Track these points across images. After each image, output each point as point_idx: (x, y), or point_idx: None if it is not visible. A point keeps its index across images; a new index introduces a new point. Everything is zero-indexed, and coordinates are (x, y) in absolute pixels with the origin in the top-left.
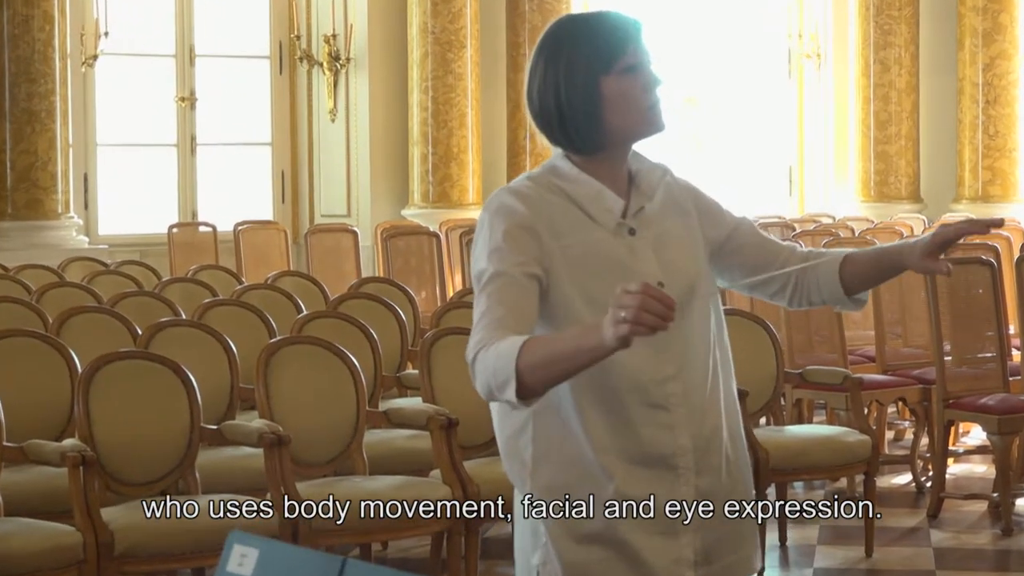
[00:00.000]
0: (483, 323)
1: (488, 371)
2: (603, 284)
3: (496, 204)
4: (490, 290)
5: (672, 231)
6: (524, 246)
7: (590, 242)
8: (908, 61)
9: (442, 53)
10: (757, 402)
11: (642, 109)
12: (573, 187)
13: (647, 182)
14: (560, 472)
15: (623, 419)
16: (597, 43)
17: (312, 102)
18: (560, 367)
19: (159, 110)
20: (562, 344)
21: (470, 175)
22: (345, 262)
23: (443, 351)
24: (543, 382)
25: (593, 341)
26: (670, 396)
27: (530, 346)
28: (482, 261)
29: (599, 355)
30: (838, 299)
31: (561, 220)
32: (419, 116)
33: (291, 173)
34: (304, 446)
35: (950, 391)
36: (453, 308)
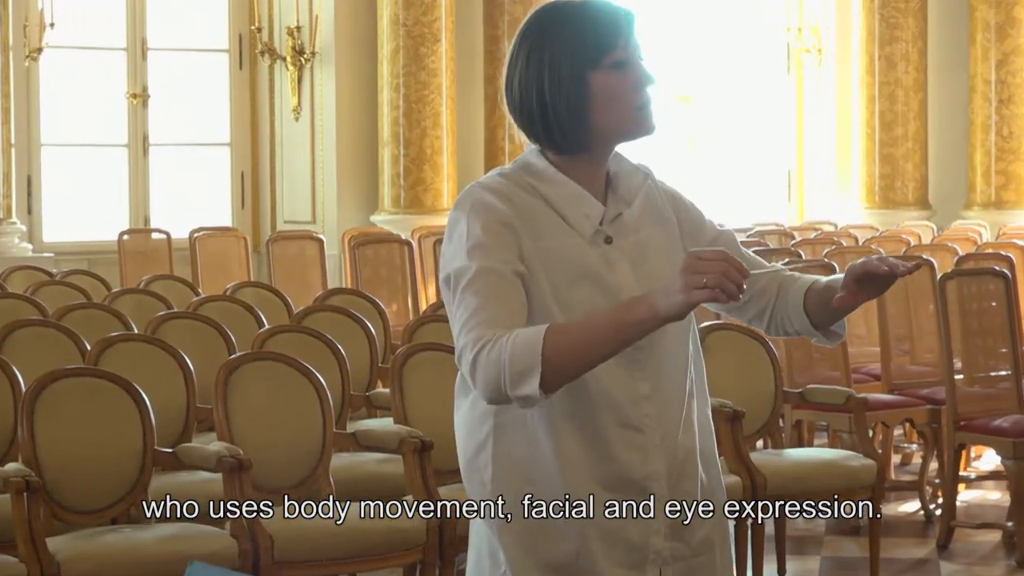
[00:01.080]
0: (475, 321)
1: (500, 364)
2: (577, 294)
3: (471, 201)
4: (478, 286)
5: (651, 240)
6: (506, 242)
7: (565, 248)
8: (916, 57)
9: (415, 47)
10: (754, 423)
11: (631, 108)
12: (549, 188)
13: (626, 186)
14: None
15: (596, 438)
16: (585, 34)
17: (274, 99)
18: (596, 350)
19: (109, 107)
20: (597, 323)
21: (444, 179)
22: (310, 272)
23: (416, 368)
24: (569, 371)
25: (640, 314)
26: (644, 417)
27: (556, 331)
28: (460, 259)
29: (646, 328)
30: (809, 331)
31: (537, 221)
32: (390, 115)
33: (251, 176)
34: (266, 470)
35: (961, 412)
36: (427, 322)
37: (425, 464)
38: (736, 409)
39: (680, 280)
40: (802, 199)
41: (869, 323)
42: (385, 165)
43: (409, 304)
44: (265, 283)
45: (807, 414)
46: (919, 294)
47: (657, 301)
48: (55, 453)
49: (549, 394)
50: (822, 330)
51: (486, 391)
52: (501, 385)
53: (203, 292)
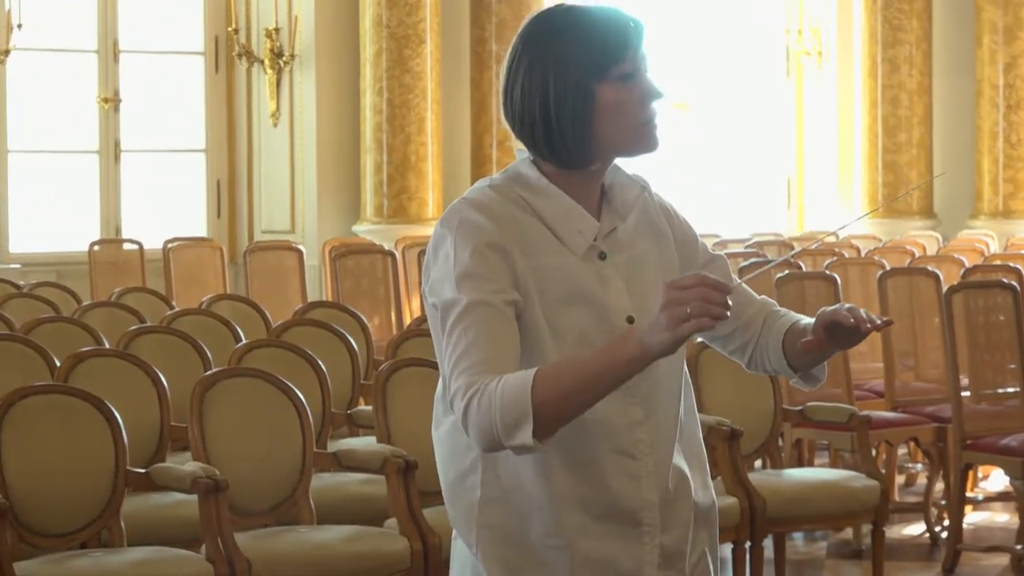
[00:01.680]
0: (465, 364)
1: (492, 415)
2: (569, 316)
3: (457, 220)
4: (468, 323)
5: (646, 256)
6: (497, 268)
7: (557, 267)
8: (920, 60)
9: (398, 49)
10: (752, 443)
11: (636, 124)
12: (541, 202)
13: (622, 199)
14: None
15: (588, 464)
16: (593, 43)
17: (252, 104)
18: (587, 394)
19: (79, 112)
20: (586, 366)
21: (429, 187)
22: (289, 284)
23: (400, 385)
24: (563, 416)
25: (630, 353)
26: (638, 443)
27: (544, 376)
28: (449, 288)
29: (637, 367)
30: (786, 372)
31: (529, 238)
32: (372, 120)
33: (228, 184)
34: (243, 492)
35: (968, 431)
36: (411, 336)
37: (409, 485)
38: (734, 427)
39: (663, 316)
40: (802, 208)
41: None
42: (367, 172)
43: (392, 318)
44: (242, 296)
45: (808, 432)
46: (924, 308)
47: (646, 338)
48: (23, 474)
49: (545, 440)
50: (800, 372)
51: (480, 442)
52: (495, 435)
53: (177, 305)
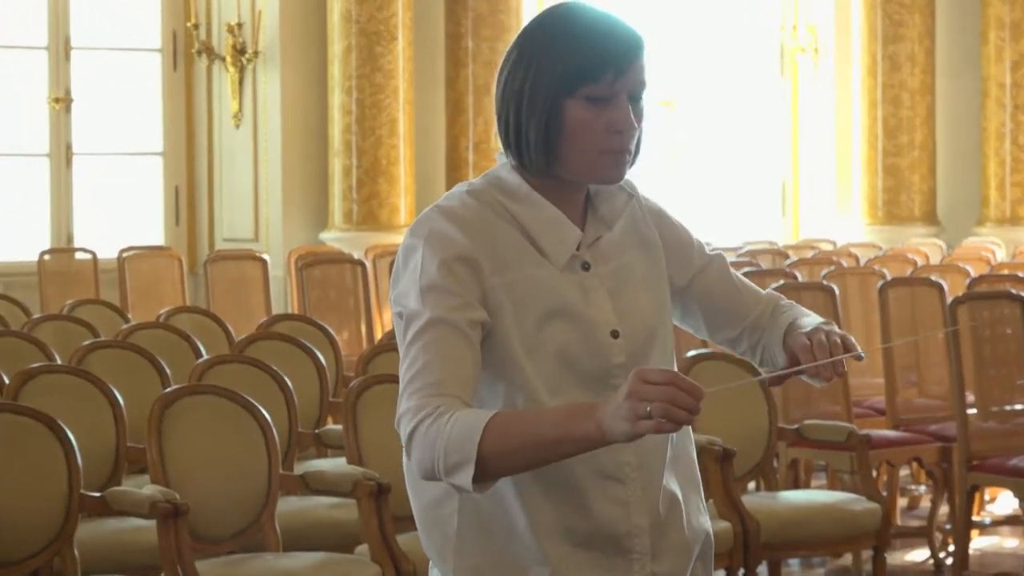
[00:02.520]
0: (417, 385)
1: (436, 449)
2: (548, 331)
3: (427, 229)
4: (426, 341)
5: (632, 267)
6: (464, 284)
7: (535, 280)
8: (923, 57)
9: (369, 46)
10: (745, 463)
11: (594, 151)
12: (522, 210)
13: (608, 207)
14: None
15: (570, 491)
16: (571, 56)
17: (212, 104)
18: (535, 456)
19: (28, 113)
20: (541, 429)
21: (402, 192)
22: (252, 296)
23: (371, 403)
24: (507, 471)
25: (587, 430)
26: (624, 466)
27: (497, 427)
28: (412, 300)
29: (590, 446)
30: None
31: (505, 250)
32: (341, 121)
33: (187, 189)
34: (205, 517)
35: (974, 450)
36: (383, 351)
37: (382, 509)
38: (726, 447)
39: (625, 406)
40: (797, 215)
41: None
42: (336, 177)
43: (363, 331)
44: (202, 308)
45: (804, 452)
46: (927, 320)
47: (606, 422)
48: None
49: (484, 488)
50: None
51: (419, 470)
52: (435, 469)
53: (134, 318)
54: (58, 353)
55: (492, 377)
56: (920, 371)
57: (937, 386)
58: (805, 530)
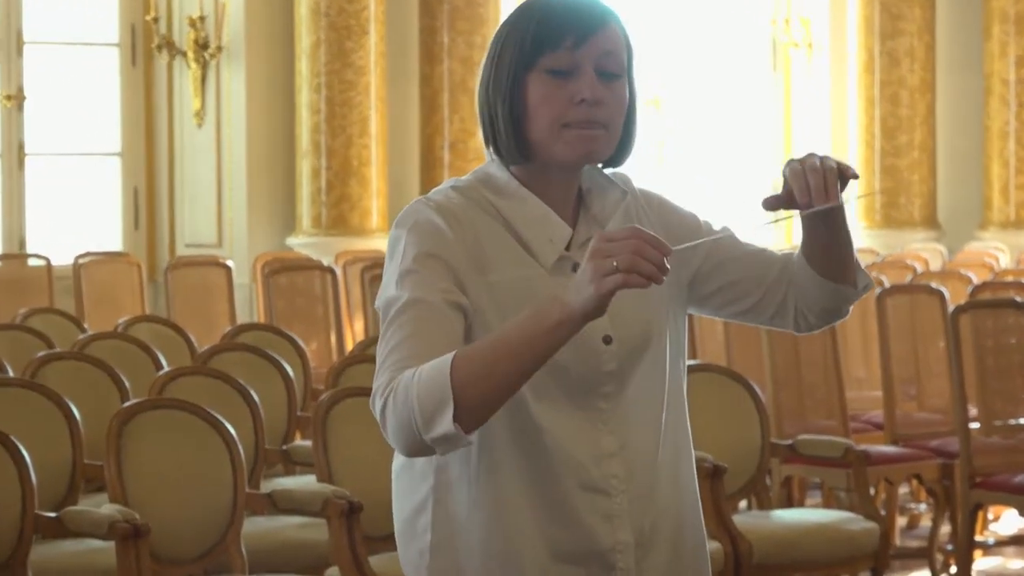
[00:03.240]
0: (390, 361)
1: (410, 405)
2: None
3: (412, 219)
4: (403, 319)
5: None
6: (444, 272)
7: (520, 280)
8: (923, 53)
9: (339, 41)
10: (737, 481)
11: (555, 124)
12: (510, 206)
13: (601, 204)
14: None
15: (553, 502)
16: (529, 27)
17: (173, 102)
18: (511, 367)
19: None
20: (509, 335)
21: (374, 195)
22: (216, 304)
23: (342, 417)
24: (489, 398)
25: (554, 316)
26: (611, 478)
27: (464, 354)
28: (391, 287)
29: (564, 331)
30: (832, 293)
31: (490, 248)
32: (309, 120)
33: (146, 192)
34: (167, 538)
35: (977, 467)
36: (354, 363)
37: (353, 530)
38: (716, 463)
39: (588, 268)
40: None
41: (870, 364)
42: (304, 179)
43: (333, 342)
44: (163, 317)
45: (798, 469)
46: (927, 330)
47: (570, 298)
48: None
49: (470, 431)
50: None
51: (399, 439)
52: (414, 429)
53: (90, 328)
54: (10, 365)
55: None
56: (920, 383)
57: (938, 399)
58: (799, 551)
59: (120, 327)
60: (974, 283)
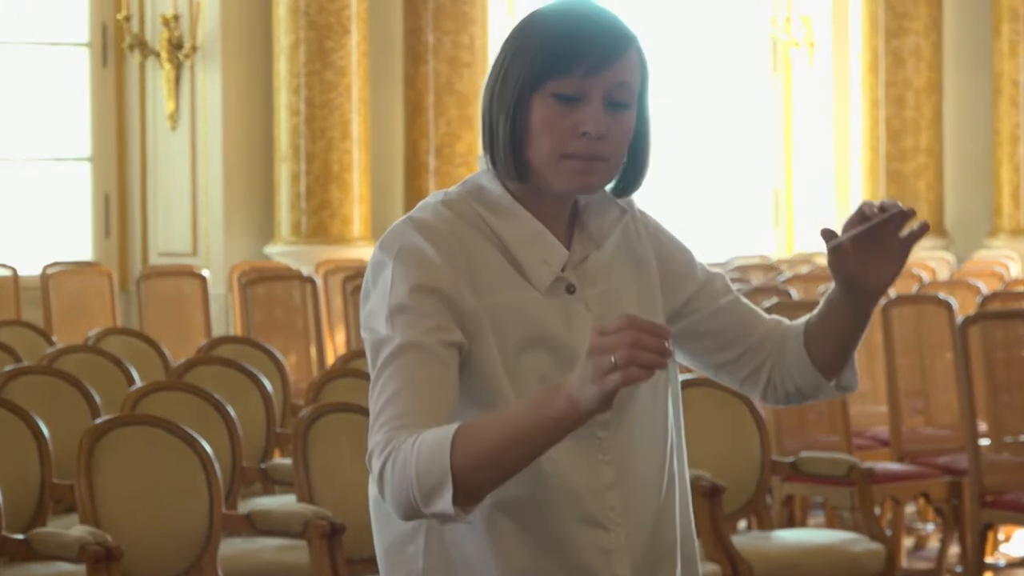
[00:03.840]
0: (386, 417)
1: (407, 479)
2: (528, 360)
3: (399, 245)
4: (397, 367)
5: (623, 291)
6: (437, 306)
7: (514, 304)
8: (929, 52)
9: (319, 41)
10: (736, 500)
11: (555, 154)
12: (503, 224)
13: (598, 223)
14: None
15: (549, 536)
16: (540, 46)
17: (146, 104)
18: (513, 455)
19: None
20: (512, 423)
21: (356, 201)
22: (191, 316)
23: (324, 434)
24: (488, 481)
25: (559, 407)
26: (608, 510)
27: (466, 435)
28: (381, 324)
29: (569, 426)
30: (813, 383)
31: (483, 271)
32: (288, 123)
33: (118, 198)
34: (140, 561)
35: (987, 485)
36: (337, 376)
37: (335, 552)
38: (714, 482)
39: (589, 367)
40: (791, 226)
41: (874, 376)
42: (283, 185)
43: (313, 355)
44: (136, 330)
45: (800, 488)
46: (935, 341)
47: (575, 394)
48: None
49: (469, 510)
50: (833, 376)
51: (397, 508)
52: (412, 501)
53: (59, 341)
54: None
55: (467, 404)
56: (927, 397)
57: (946, 414)
58: (801, 573)
59: (90, 340)
60: (983, 293)
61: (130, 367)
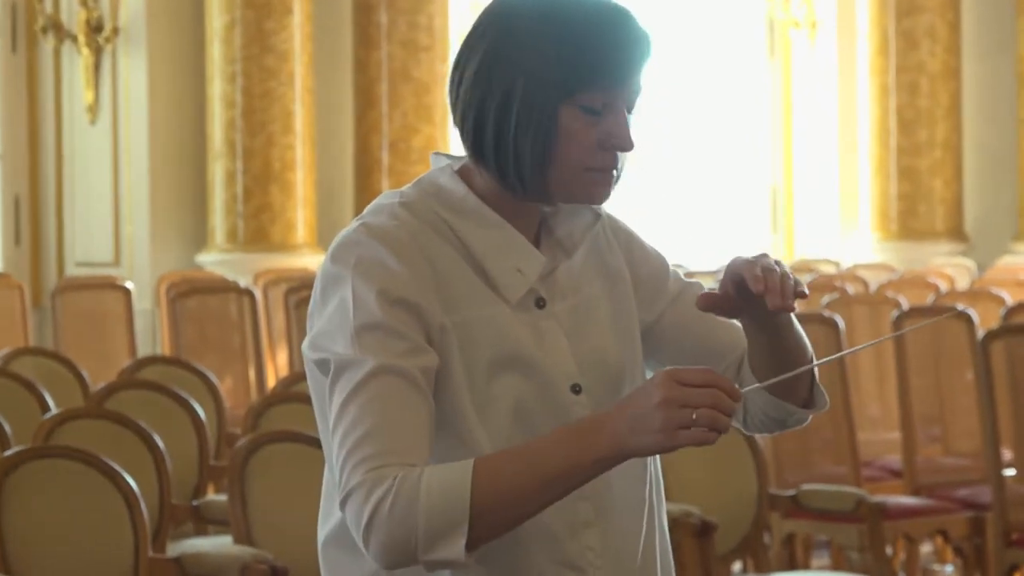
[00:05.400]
0: (365, 454)
1: (414, 521)
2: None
3: (356, 255)
4: (371, 395)
5: (593, 303)
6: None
7: (484, 320)
8: (945, 33)
9: (257, 21)
10: (730, 539)
11: (580, 166)
12: (470, 229)
13: (567, 230)
14: None
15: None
16: (570, 53)
17: (62, 95)
18: (542, 496)
19: None
20: (542, 462)
21: (299, 203)
22: (113, 334)
23: (264, 466)
24: (506, 523)
25: (601, 449)
26: (586, 551)
27: (487, 473)
28: (343, 344)
29: (606, 468)
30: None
31: (450, 282)
32: (223, 116)
33: (30, 201)
34: None
35: (1013, 521)
36: (277, 402)
37: None
38: (705, 519)
39: (658, 415)
40: (791, 228)
41: (885, 399)
42: (217, 185)
43: (251, 377)
44: (50, 350)
45: (802, 525)
46: (953, 358)
47: (624, 437)
48: None
49: (472, 555)
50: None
51: (386, 555)
52: (410, 547)
53: None
54: None
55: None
56: (945, 423)
57: (966, 441)
58: None
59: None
60: (1007, 304)
61: (44, 392)
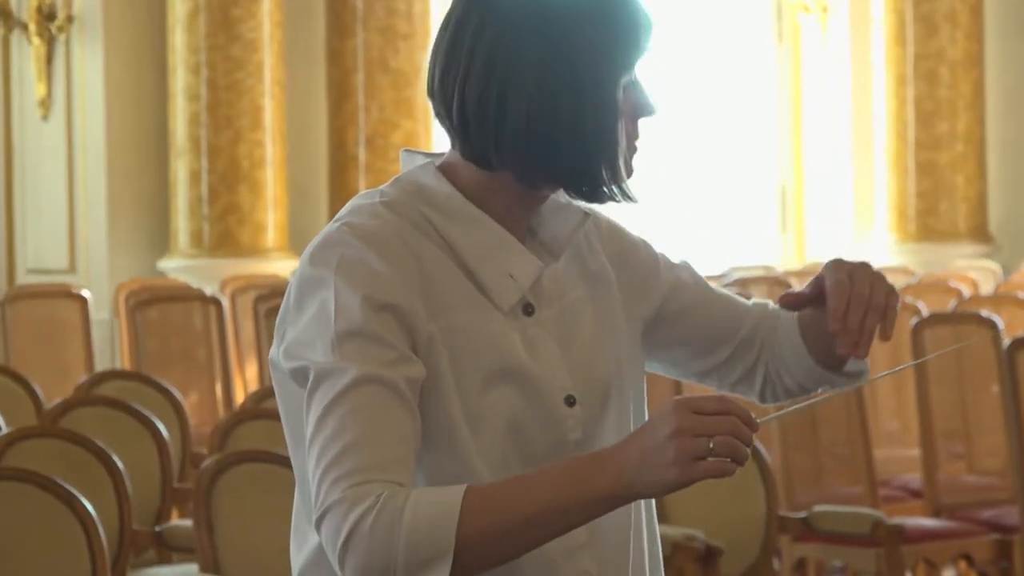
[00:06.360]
0: (346, 468)
1: (394, 547)
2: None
3: (338, 255)
4: (352, 406)
5: (579, 309)
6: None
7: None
8: (967, 18)
9: (222, 8)
10: (737, 565)
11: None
12: (458, 230)
13: (552, 231)
14: None
15: None
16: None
17: (11, 88)
18: (534, 533)
19: None
20: (537, 497)
21: (270, 205)
22: (68, 346)
23: (231, 489)
24: (494, 559)
25: (605, 486)
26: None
27: (478, 503)
28: (322, 352)
29: (610, 507)
30: (815, 376)
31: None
32: (187, 110)
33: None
34: None
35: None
36: (246, 419)
37: None
38: (710, 544)
39: (670, 447)
40: (801, 229)
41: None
42: (180, 186)
43: (218, 393)
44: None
45: (814, 549)
46: (977, 371)
47: (632, 474)
48: None
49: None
50: (834, 370)
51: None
52: (388, 573)
53: None
54: None
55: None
56: (969, 439)
57: (991, 458)
58: None
59: None
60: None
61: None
